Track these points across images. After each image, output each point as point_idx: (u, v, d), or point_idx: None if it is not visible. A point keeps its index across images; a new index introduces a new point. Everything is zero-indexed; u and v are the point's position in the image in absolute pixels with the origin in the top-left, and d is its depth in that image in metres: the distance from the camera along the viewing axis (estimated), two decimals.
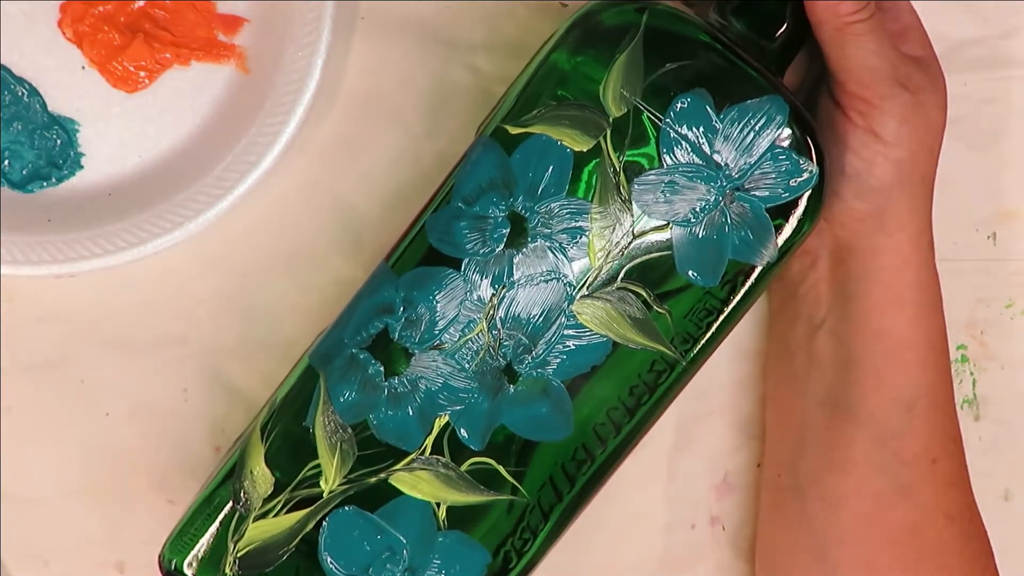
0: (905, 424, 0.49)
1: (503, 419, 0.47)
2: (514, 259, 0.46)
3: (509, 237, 0.46)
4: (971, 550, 0.51)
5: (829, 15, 0.46)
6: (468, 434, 0.47)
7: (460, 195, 0.47)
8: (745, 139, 0.46)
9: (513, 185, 0.46)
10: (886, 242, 0.49)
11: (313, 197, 0.55)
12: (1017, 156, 0.57)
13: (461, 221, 0.47)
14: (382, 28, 0.55)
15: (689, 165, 0.46)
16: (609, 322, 0.46)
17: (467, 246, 0.47)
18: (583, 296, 0.46)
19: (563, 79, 0.46)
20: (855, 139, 0.48)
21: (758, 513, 0.55)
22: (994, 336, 0.57)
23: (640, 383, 0.47)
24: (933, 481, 0.50)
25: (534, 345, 0.47)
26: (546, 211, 0.46)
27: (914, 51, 0.50)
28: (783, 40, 0.48)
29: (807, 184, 0.46)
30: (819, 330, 0.50)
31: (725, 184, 0.46)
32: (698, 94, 0.45)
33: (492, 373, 0.47)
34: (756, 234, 0.46)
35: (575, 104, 0.46)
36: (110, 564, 0.55)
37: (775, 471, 0.53)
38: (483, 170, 0.47)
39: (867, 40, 0.46)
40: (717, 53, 0.46)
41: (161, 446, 0.55)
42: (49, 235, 0.53)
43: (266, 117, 0.53)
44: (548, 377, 0.47)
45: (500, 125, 0.47)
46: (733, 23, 0.48)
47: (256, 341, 0.55)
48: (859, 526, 0.49)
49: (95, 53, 0.54)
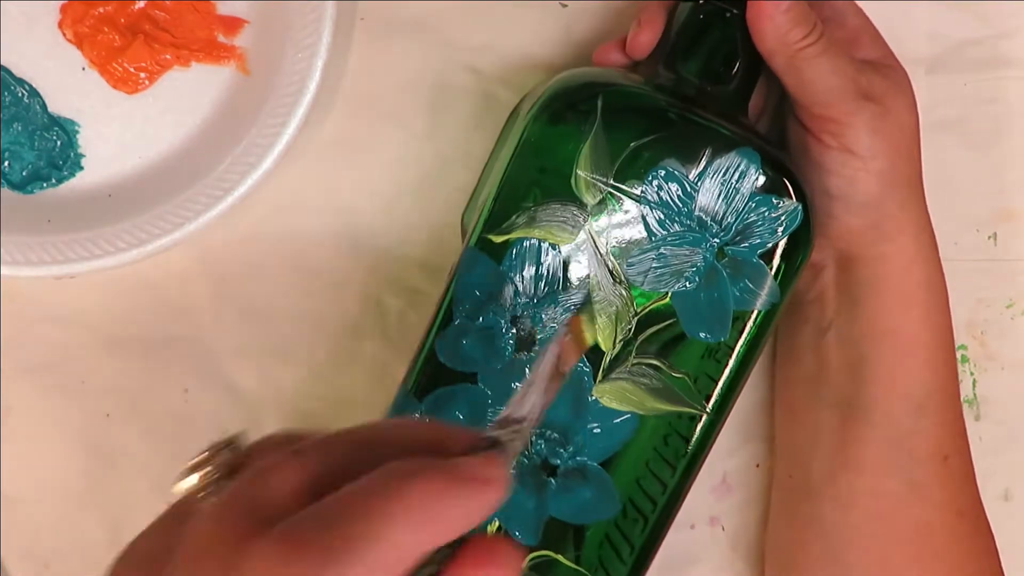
0: (918, 422, 0.49)
1: (551, 511, 0.47)
2: (527, 362, 0.47)
3: (517, 343, 0.47)
4: (980, 546, 0.51)
5: (779, 45, 0.46)
6: (521, 534, 0.47)
7: (461, 311, 0.47)
8: (723, 195, 0.46)
9: (510, 292, 0.47)
10: (889, 247, 0.49)
11: (313, 197, 0.55)
12: (1017, 156, 0.57)
13: (467, 337, 0.47)
14: (382, 28, 0.55)
15: (675, 234, 0.46)
16: (631, 398, 0.47)
17: (479, 360, 0.47)
18: (600, 381, 0.47)
19: (532, 177, 0.46)
20: (832, 160, 0.47)
21: (767, 515, 0.55)
22: (994, 336, 0.57)
23: (673, 432, 0.47)
24: (945, 478, 0.50)
25: (566, 438, 0.47)
26: (547, 310, 0.47)
27: (869, 54, 0.49)
28: (739, 79, 0.48)
29: (793, 222, 0.46)
30: (827, 333, 0.50)
31: (714, 243, 0.46)
32: (668, 164, 0.46)
33: (531, 472, 0.47)
34: (754, 281, 0.46)
35: (551, 201, 0.46)
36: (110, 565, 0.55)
37: (786, 473, 0.53)
38: (478, 283, 0.47)
39: (821, 61, 0.46)
40: (679, 117, 0.46)
41: (161, 446, 0.55)
42: (49, 236, 0.53)
43: (266, 118, 0.53)
44: (585, 463, 0.47)
45: (483, 235, 0.47)
46: (686, 75, 0.48)
47: (256, 341, 0.55)
48: (872, 526, 0.49)
49: (95, 54, 0.54)
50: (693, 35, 0.48)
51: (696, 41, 0.48)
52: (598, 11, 0.55)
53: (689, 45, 0.48)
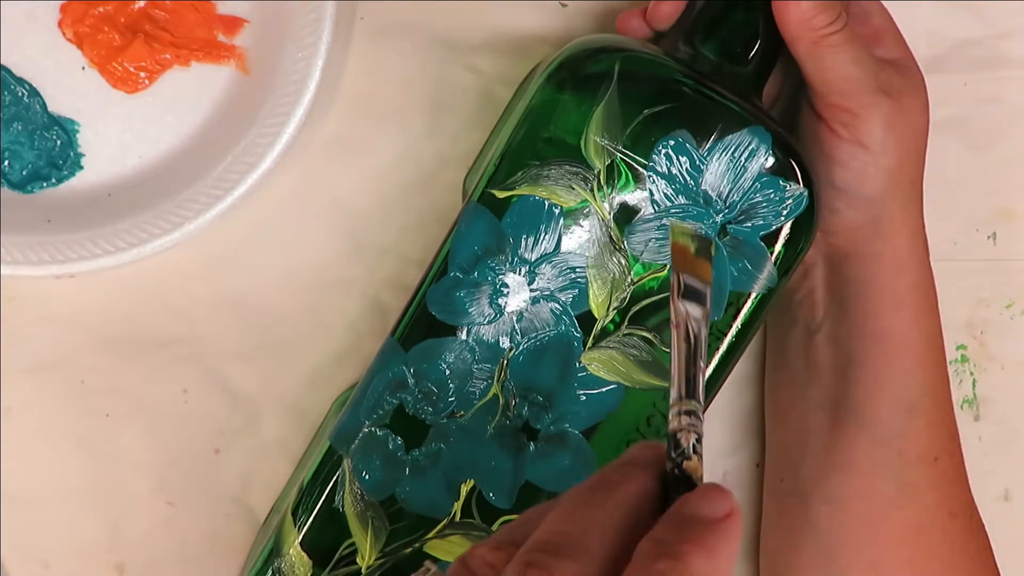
0: (908, 424, 0.49)
1: (528, 476, 0.47)
2: (517, 321, 0.47)
3: (510, 300, 0.47)
4: (974, 546, 0.51)
5: (803, 30, 0.46)
6: (495, 496, 0.47)
7: (457, 264, 0.47)
8: (731, 173, 0.46)
9: (507, 248, 0.47)
10: (883, 247, 0.49)
11: (313, 197, 0.55)
12: (1017, 156, 0.57)
13: (460, 290, 0.47)
14: (382, 28, 0.55)
15: (678, 206, 0.46)
16: (619, 368, 0.47)
17: (470, 314, 0.47)
18: (590, 348, 0.47)
19: (542, 137, 0.46)
20: (842, 152, 0.47)
21: (760, 519, 0.55)
22: (994, 336, 0.57)
23: (656, 413, 0.47)
24: (936, 479, 0.50)
25: (549, 402, 0.47)
26: (543, 270, 0.47)
27: (890, 54, 0.49)
28: (756, 61, 0.48)
29: (797, 208, 0.46)
30: (816, 335, 0.50)
31: (717, 220, 0.46)
32: (679, 135, 0.45)
33: (511, 434, 0.47)
34: (753, 263, 0.46)
35: (558, 161, 0.46)
36: (110, 565, 0.55)
37: (777, 476, 0.53)
38: (476, 237, 0.47)
39: (843, 50, 0.46)
40: (693, 91, 0.46)
41: (161, 447, 0.55)
42: (49, 235, 0.53)
43: (266, 118, 0.53)
44: (567, 430, 0.47)
45: (487, 190, 0.47)
46: (704, 52, 0.48)
47: (256, 341, 0.55)
48: (864, 528, 0.49)
49: (95, 54, 0.54)
50: (716, 13, 0.48)
51: (719, 19, 0.48)
52: (598, 11, 0.55)
53: (711, 22, 0.48)
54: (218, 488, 0.55)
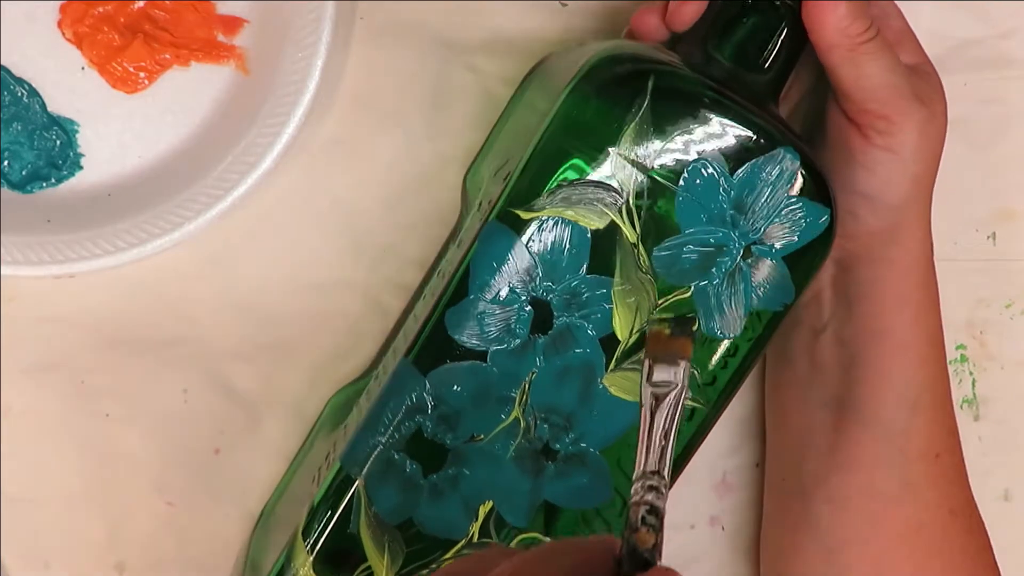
0: (910, 421, 0.49)
1: (545, 495, 0.47)
2: (541, 345, 0.46)
3: (533, 323, 0.46)
4: (974, 545, 0.51)
5: (840, 37, 0.45)
6: (513, 517, 0.47)
7: (478, 286, 0.45)
8: (760, 194, 0.45)
9: (532, 271, 0.45)
10: (898, 251, 0.48)
11: (313, 197, 0.55)
12: (1017, 156, 0.57)
13: (483, 313, 0.46)
14: (382, 28, 0.55)
15: (706, 228, 0.45)
16: (636, 389, 0.46)
17: (492, 337, 0.46)
18: (612, 370, 0.46)
19: (568, 154, 0.45)
20: (872, 158, 0.47)
21: (761, 518, 0.55)
22: (994, 336, 0.57)
23: None
24: (937, 477, 0.50)
25: (569, 424, 0.46)
26: (568, 293, 0.45)
27: (911, 58, 0.49)
28: (777, 68, 0.47)
29: (821, 227, 0.46)
30: (821, 335, 0.50)
31: (742, 242, 0.45)
32: (711, 156, 0.45)
33: (530, 455, 0.46)
34: (774, 283, 0.46)
35: (584, 182, 0.45)
36: (110, 565, 0.55)
37: (779, 475, 0.53)
38: (499, 258, 0.45)
39: (879, 57, 0.46)
40: (725, 109, 0.44)
41: (161, 447, 0.55)
42: (49, 235, 0.53)
43: (266, 118, 0.53)
44: (586, 450, 0.47)
45: (508, 209, 0.45)
46: (723, 58, 0.47)
47: (256, 341, 0.55)
48: (866, 526, 0.49)
49: (95, 54, 0.54)
50: (739, 17, 0.47)
51: (741, 24, 0.47)
52: (598, 11, 0.55)
53: (733, 27, 0.47)
54: (218, 488, 0.55)
